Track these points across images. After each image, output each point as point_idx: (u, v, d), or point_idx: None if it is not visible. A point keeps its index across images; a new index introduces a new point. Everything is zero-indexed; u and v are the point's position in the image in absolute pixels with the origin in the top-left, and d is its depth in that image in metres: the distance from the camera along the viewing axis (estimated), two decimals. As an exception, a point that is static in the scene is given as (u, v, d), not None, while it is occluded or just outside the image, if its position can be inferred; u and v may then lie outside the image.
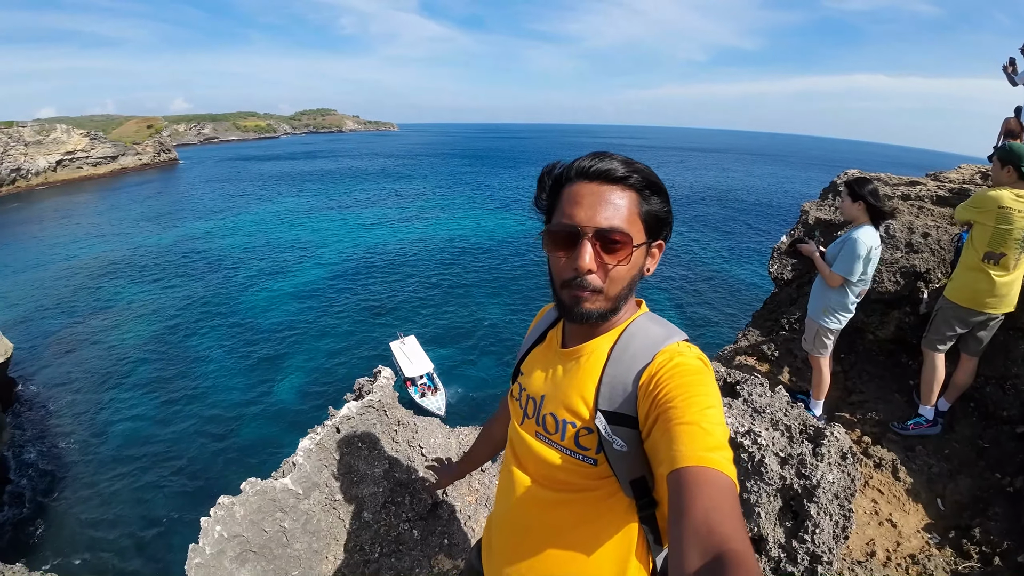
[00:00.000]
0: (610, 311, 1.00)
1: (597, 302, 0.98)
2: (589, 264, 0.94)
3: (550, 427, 1.06)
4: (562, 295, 1.00)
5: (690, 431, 0.79)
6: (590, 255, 0.94)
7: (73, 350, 23.86)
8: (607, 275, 0.96)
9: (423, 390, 20.08)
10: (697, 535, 0.66)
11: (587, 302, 0.97)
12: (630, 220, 0.95)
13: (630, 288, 1.01)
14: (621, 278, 0.97)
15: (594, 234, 0.94)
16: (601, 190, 0.96)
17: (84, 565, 13.25)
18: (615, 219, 0.94)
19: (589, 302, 0.97)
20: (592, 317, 0.99)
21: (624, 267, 0.96)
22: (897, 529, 2.76)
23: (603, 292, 0.97)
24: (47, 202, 63.03)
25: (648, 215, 0.98)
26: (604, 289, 0.97)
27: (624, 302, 1.02)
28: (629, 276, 0.99)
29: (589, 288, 0.96)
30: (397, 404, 2.81)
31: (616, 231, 0.93)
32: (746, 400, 2.33)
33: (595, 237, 0.94)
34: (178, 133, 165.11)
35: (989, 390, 3.34)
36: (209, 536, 1.96)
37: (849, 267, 3.20)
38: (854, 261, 3.19)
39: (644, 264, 1.02)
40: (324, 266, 35.90)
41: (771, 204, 64.59)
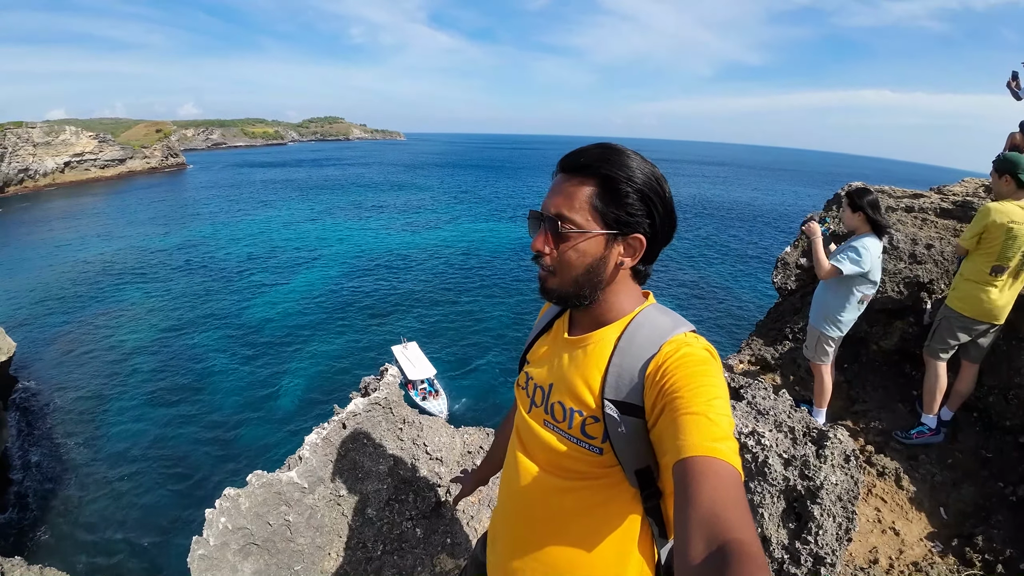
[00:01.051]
0: (574, 294, 1.04)
1: (553, 282, 1.04)
2: (538, 246, 1.03)
3: (558, 415, 1.07)
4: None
5: (696, 421, 0.80)
6: (541, 238, 1.03)
7: (76, 350, 23.90)
8: (556, 260, 1.02)
9: (424, 394, 20.28)
10: (703, 525, 0.67)
11: (545, 282, 1.05)
12: (579, 209, 0.99)
13: (589, 275, 1.02)
14: (571, 264, 1.01)
15: (546, 219, 1.02)
16: (562, 179, 1.03)
17: (85, 561, 13.23)
18: (563, 207, 1.00)
19: (547, 282, 1.05)
20: (552, 296, 1.07)
21: (571, 254, 1.00)
22: (900, 537, 2.75)
23: (556, 275, 1.03)
24: (54, 203, 63.47)
25: (604, 208, 0.99)
26: (556, 272, 1.03)
27: (589, 288, 1.04)
28: (582, 264, 1.01)
29: (544, 269, 1.04)
30: (403, 402, 2.83)
31: (560, 217, 1.00)
32: (750, 402, 2.34)
33: (545, 223, 1.02)
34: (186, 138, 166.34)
35: (992, 400, 3.34)
36: (213, 527, 1.97)
37: (843, 262, 3.22)
38: (849, 256, 3.22)
39: (605, 255, 1.02)
40: (328, 272, 35.99)
41: (776, 216, 64.71)
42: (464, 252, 41.64)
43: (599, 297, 1.06)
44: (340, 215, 56.61)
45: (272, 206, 61.76)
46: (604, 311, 1.07)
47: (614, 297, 1.06)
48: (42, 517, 14.85)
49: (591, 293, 1.04)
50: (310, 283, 33.36)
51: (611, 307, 1.07)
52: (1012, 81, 4.73)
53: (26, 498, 15.51)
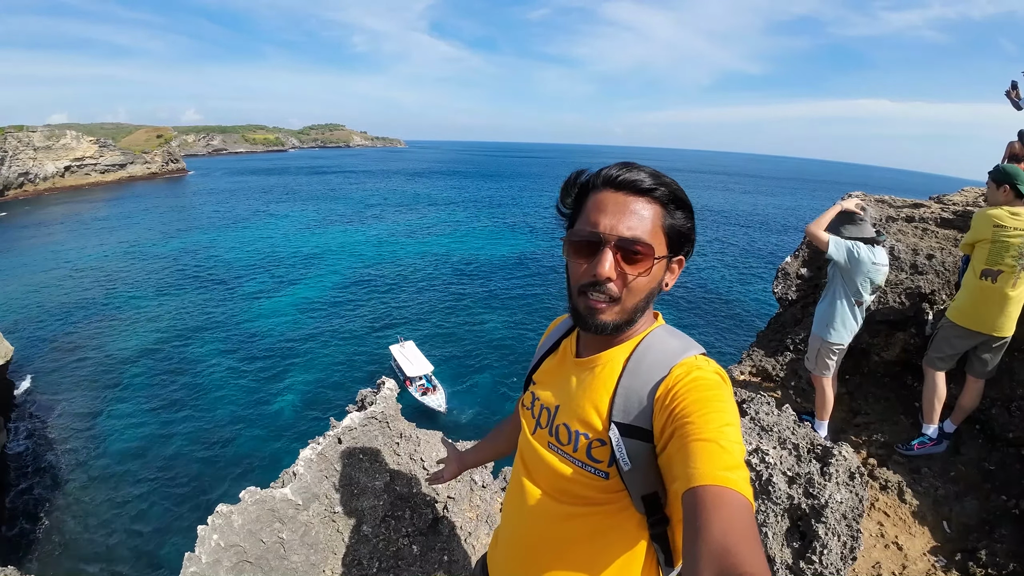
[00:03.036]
0: (625, 323, 0.99)
1: (613, 313, 0.97)
2: (609, 272, 0.93)
3: (563, 438, 1.05)
4: (578, 303, 1.00)
5: (707, 448, 0.78)
6: (610, 263, 0.93)
7: (74, 355, 23.85)
8: (626, 285, 0.95)
9: (422, 390, 20.65)
10: (713, 557, 0.65)
11: (603, 313, 0.97)
12: (653, 232, 0.95)
13: (647, 301, 1.00)
14: (640, 289, 0.97)
15: (616, 243, 0.93)
16: (626, 200, 0.95)
17: (79, 571, 13.12)
18: (638, 230, 0.94)
19: (605, 313, 0.97)
20: (607, 328, 0.98)
21: (644, 279, 0.96)
22: (903, 552, 2.72)
23: (620, 302, 0.96)
24: (54, 207, 63.56)
25: (671, 229, 0.97)
26: (621, 299, 0.96)
27: (640, 315, 1.01)
28: (647, 288, 0.98)
29: (606, 296, 0.96)
30: (400, 416, 2.79)
31: (639, 241, 0.93)
32: (753, 418, 2.31)
33: (617, 246, 0.94)
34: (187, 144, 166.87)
35: (995, 412, 3.31)
36: (206, 544, 1.93)
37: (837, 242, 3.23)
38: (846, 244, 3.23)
39: (663, 278, 1.01)
40: (327, 281, 35.98)
41: (776, 226, 64.87)
42: (464, 261, 41.66)
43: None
44: (339, 223, 56.70)
45: (271, 213, 61.86)
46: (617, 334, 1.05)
47: None
48: (35, 526, 14.77)
49: (637, 319, 1.01)
50: (308, 292, 33.35)
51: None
52: (1012, 91, 4.73)
53: (19, 505, 15.42)
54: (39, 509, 15.24)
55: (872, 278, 3.24)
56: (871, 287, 3.27)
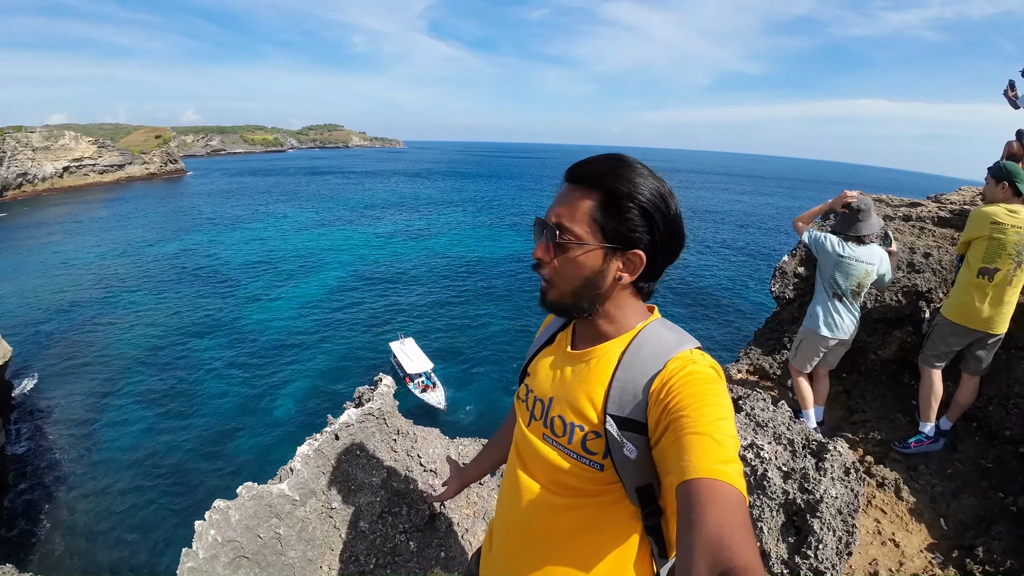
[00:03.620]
0: (570, 306, 1.04)
1: (552, 293, 1.04)
2: (539, 254, 1.02)
3: (558, 430, 1.05)
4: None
5: (702, 442, 0.79)
6: (542, 247, 1.02)
7: (73, 356, 23.85)
8: (555, 270, 1.01)
9: (423, 387, 20.81)
10: (707, 549, 0.66)
11: (546, 293, 1.05)
12: (580, 220, 0.97)
13: (586, 287, 1.00)
14: (568, 275, 1.00)
15: (547, 228, 1.01)
16: (565, 189, 1.02)
17: (76, 569, 13.15)
18: (564, 217, 0.99)
19: (547, 293, 1.05)
20: (551, 307, 1.06)
21: (571, 264, 0.99)
22: (900, 549, 2.72)
23: (555, 285, 1.03)
24: (52, 208, 63.53)
25: (604, 221, 0.97)
26: (554, 282, 1.02)
27: (589, 302, 1.02)
28: (578, 276, 0.99)
29: (543, 277, 1.04)
30: (397, 413, 2.79)
31: (560, 228, 0.98)
32: (748, 414, 2.31)
33: (545, 232, 1.01)
34: (186, 144, 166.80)
35: (992, 409, 3.32)
36: (203, 540, 1.93)
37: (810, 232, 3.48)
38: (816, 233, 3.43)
39: (603, 269, 0.99)
40: (325, 280, 35.99)
41: (773, 225, 64.95)
42: (464, 260, 41.72)
43: (599, 310, 1.04)
44: (339, 223, 56.72)
45: (270, 214, 61.86)
46: (607, 325, 1.05)
47: (616, 311, 1.05)
48: (34, 525, 14.80)
49: (589, 306, 1.03)
50: (307, 292, 33.36)
51: (614, 321, 1.05)
52: (1009, 90, 4.75)
53: (18, 505, 15.42)
54: (39, 509, 15.27)
55: (847, 271, 3.26)
56: (849, 281, 3.27)
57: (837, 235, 3.31)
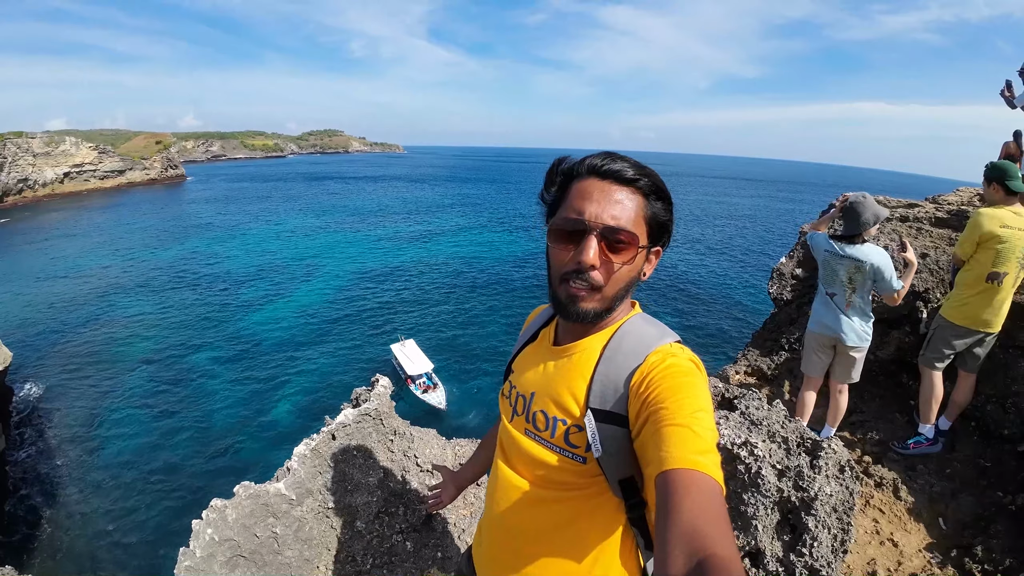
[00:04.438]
0: (605, 311, 1.00)
1: (594, 301, 0.98)
2: (593, 259, 0.94)
3: (540, 424, 1.06)
4: (559, 291, 1.00)
5: (680, 433, 0.79)
6: (595, 250, 0.94)
7: (72, 361, 23.83)
8: (609, 274, 0.96)
9: (423, 387, 21.00)
10: (683, 538, 0.66)
11: (584, 301, 0.97)
12: (636, 222, 0.96)
13: (627, 290, 1.01)
14: (621, 278, 0.98)
15: (601, 231, 0.94)
16: (611, 188, 0.97)
17: (75, 570, 13.19)
18: (623, 219, 0.95)
19: (586, 301, 0.97)
20: (588, 316, 0.99)
21: (627, 268, 0.97)
22: (899, 549, 2.72)
23: (601, 291, 0.97)
24: (53, 213, 63.55)
25: (652, 220, 0.99)
26: (603, 287, 0.97)
27: (619, 303, 1.02)
28: (628, 278, 0.99)
29: (589, 284, 0.96)
30: (394, 414, 2.80)
31: (623, 230, 0.94)
32: (743, 413, 2.31)
33: (602, 234, 0.94)
34: (186, 150, 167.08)
35: (990, 409, 3.32)
36: (200, 539, 1.94)
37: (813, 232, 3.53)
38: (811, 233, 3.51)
39: (642, 268, 1.02)
40: (326, 285, 35.97)
41: (772, 227, 65.07)
42: (463, 264, 41.74)
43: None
44: (338, 228, 56.72)
45: (270, 219, 61.87)
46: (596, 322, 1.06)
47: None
48: (34, 528, 14.81)
49: (616, 307, 1.02)
50: (307, 296, 33.35)
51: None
52: (1006, 90, 4.76)
53: (18, 509, 15.43)
54: (39, 513, 15.26)
55: (833, 267, 3.27)
56: (837, 278, 3.27)
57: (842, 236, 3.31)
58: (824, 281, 3.37)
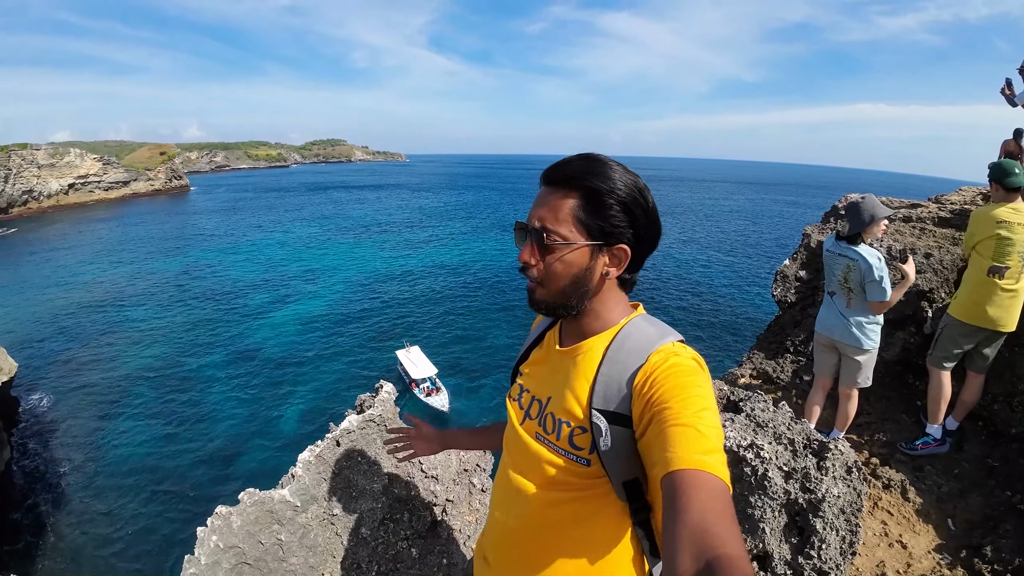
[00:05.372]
0: (561, 305, 1.04)
1: (541, 293, 1.04)
2: (524, 257, 1.04)
3: (548, 427, 1.06)
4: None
5: (685, 433, 0.79)
6: (528, 250, 1.03)
7: (78, 371, 23.90)
8: (542, 271, 1.02)
9: (427, 391, 21.44)
10: (691, 539, 0.66)
11: (534, 293, 1.06)
12: (563, 221, 0.99)
13: (576, 285, 1.02)
14: (557, 275, 1.01)
15: (531, 231, 1.03)
16: (545, 192, 1.04)
17: (82, 577, 13.21)
18: (548, 219, 1.00)
19: (535, 293, 1.05)
20: (540, 307, 1.07)
21: (559, 264, 1.00)
22: (907, 550, 2.70)
23: (544, 286, 1.03)
24: (58, 224, 63.94)
25: (587, 219, 0.99)
26: (543, 283, 1.03)
27: (577, 299, 1.03)
28: (567, 275, 1.01)
29: (532, 280, 1.04)
30: (398, 420, 2.79)
31: (544, 230, 1.00)
32: (748, 415, 2.30)
33: (531, 234, 1.03)
34: (190, 160, 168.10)
35: (997, 407, 3.30)
36: (205, 546, 1.93)
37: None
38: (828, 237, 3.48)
39: (591, 266, 1.01)
40: (330, 293, 36.04)
41: (774, 229, 65.00)
42: (467, 270, 41.81)
43: (587, 307, 1.05)
44: (342, 236, 56.86)
45: (274, 229, 62.04)
46: (593, 321, 1.06)
47: (602, 307, 1.06)
48: (39, 535, 14.88)
49: (578, 303, 1.04)
50: (312, 305, 33.40)
51: (599, 317, 1.06)
52: (1007, 88, 4.77)
53: (26, 519, 15.50)
54: (45, 523, 15.31)
55: (830, 266, 3.29)
56: (833, 276, 3.29)
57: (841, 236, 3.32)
58: (826, 281, 3.38)
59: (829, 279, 3.33)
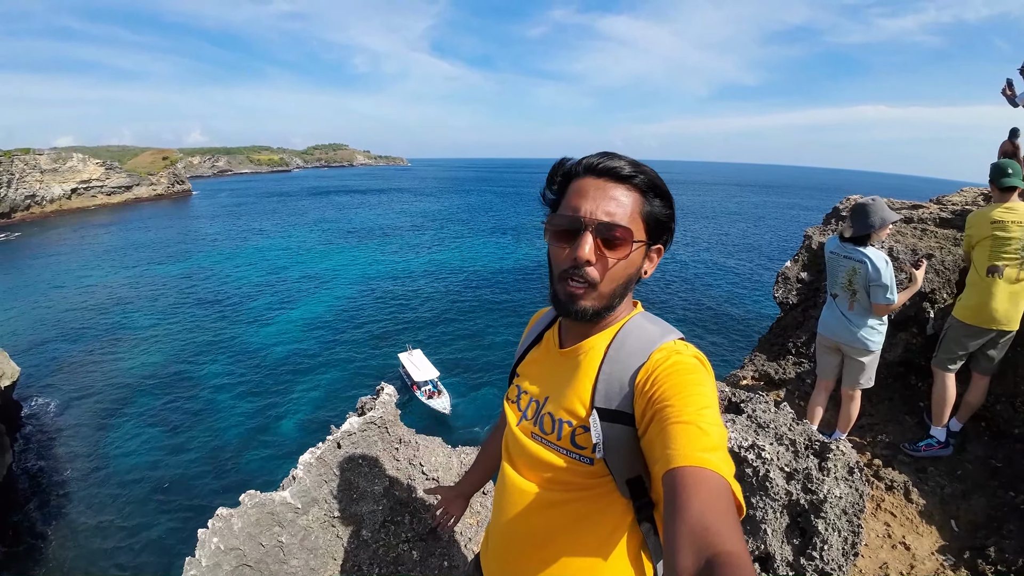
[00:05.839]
0: (604, 308, 1.00)
1: (591, 298, 0.98)
2: (588, 255, 0.94)
3: (547, 427, 1.05)
4: (559, 289, 1.00)
5: (687, 431, 0.79)
6: (590, 246, 0.94)
7: (80, 376, 23.95)
8: (605, 270, 0.96)
9: (429, 393, 21.57)
10: (692, 536, 0.65)
11: (582, 299, 0.97)
12: (632, 218, 0.96)
13: (626, 287, 1.01)
14: (618, 275, 0.98)
15: (596, 227, 0.94)
16: (606, 186, 0.97)
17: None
18: (617, 214, 0.95)
19: (584, 299, 0.97)
20: (587, 314, 0.99)
21: (623, 264, 0.97)
22: (911, 552, 2.69)
23: (598, 287, 0.97)
24: (60, 229, 64.07)
25: (650, 216, 0.99)
26: (599, 284, 0.97)
27: (619, 301, 1.02)
28: (626, 274, 0.99)
29: (585, 281, 0.96)
30: (399, 422, 2.79)
31: (618, 226, 0.94)
32: (750, 416, 2.29)
33: (597, 230, 0.95)
34: (192, 165, 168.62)
35: (1000, 408, 3.28)
36: (206, 548, 1.93)
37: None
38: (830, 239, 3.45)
39: (641, 265, 1.02)
40: (332, 297, 36.08)
41: (776, 231, 65.00)
42: (470, 274, 41.85)
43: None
44: (344, 241, 56.96)
45: (276, 233, 62.17)
46: (598, 321, 1.06)
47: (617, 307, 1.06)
48: (40, 538, 14.92)
49: (616, 305, 1.02)
50: (314, 309, 33.44)
51: (606, 317, 1.05)
52: (1008, 89, 4.77)
53: (27, 522, 15.53)
54: (46, 526, 15.35)
55: (834, 267, 3.27)
56: (837, 278, 3.26)
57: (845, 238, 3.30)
58: (828, 283, 3.36)
59: (832, 281, 3.31)
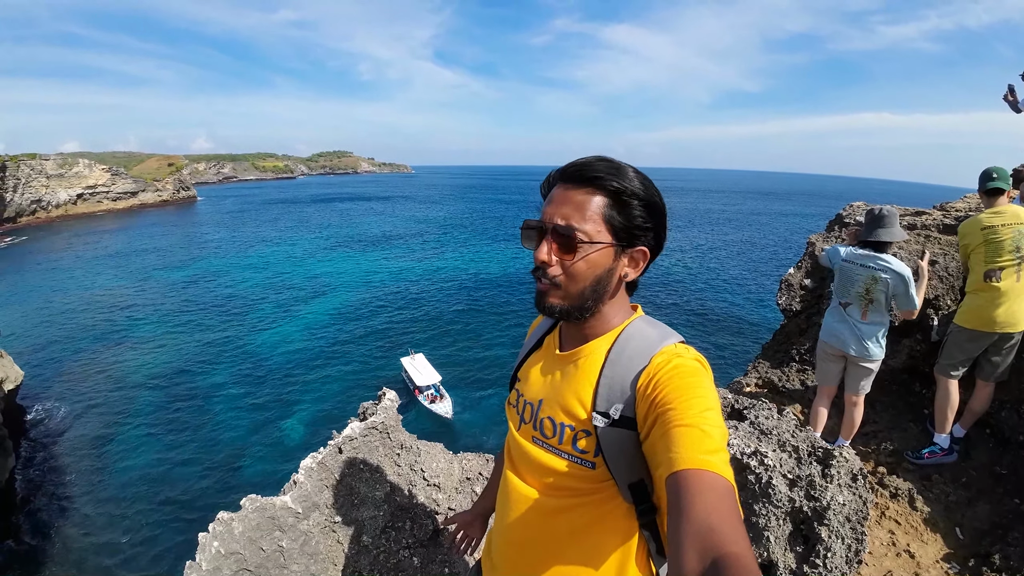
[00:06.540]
0: (574, 308, 1.01)
1: (557, 297, 1.00)
2: (544, 257, 0.98)
3: (547, 431, 1.05)
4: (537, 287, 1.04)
5: (689, 433, 0.79)
6: (546, 249, 0.98)
7: (84, 380, 24.02)
8: (564, 271, 0.98)
9: (431, 398, 21.66)
10: (697, 538, 0.66)
11: (548, 296, 1.01)
12: (591, 220, 0.96)
13: (594, 287, 1.00)
14: (579, 275, 0.98)
15: (552, 230, 0.98)
16: (569, 190, 0.99)
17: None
18: (573, 218, 0.96)
19: (550, 296, 1.01)
20: (554, 311, 1.02)
21: (581, 265, 0.97)
22: (916, 560, 2.66)
23: (564, 287, 0.99)
24: (65, 234, 64.43)
25: (614, 219, 0.98)
26: (563, 284, 0.99)
27: (593, 301, 1.02)
28: (591, 275, 0.99)
29: (548, 281, 0.99)
30: (400, 427, 2.78)
31: (571, 229, 0.96)
32: (753, 423, 2.29)
33: (552, 233, 0.98)
34: (198, 171, 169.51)
35: (1005, 414, 3.26)
36: (206, 552, 1.93)
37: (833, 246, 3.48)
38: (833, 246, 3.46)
39: (613, 267, 1.01)
40: (336, 302, 36.15)
41: (779, 238, 64.88)
42: (472, 280, 41.89)
43: (595, 310, 1.04)
44: (348, 247, 57.12)
45: (280, 240, 62.39)
46: (596, 324, 1.06)
47: (607, 310, 1.05)
48: (42, 539, 14.96)
49: (593, 306, 1.02)
50: (318, 315, 33.51)
51: (602, 320, 1.05)
52: (1010, 95, 4.76)
53: (29, 524, 15.58)
54: (48, 529, 15.38)
55: (849, 278, 3.22)
56: (852, 290, 3.22)
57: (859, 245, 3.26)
58: (838, 292, 3.31)
59: (844, 290, 3.25)
